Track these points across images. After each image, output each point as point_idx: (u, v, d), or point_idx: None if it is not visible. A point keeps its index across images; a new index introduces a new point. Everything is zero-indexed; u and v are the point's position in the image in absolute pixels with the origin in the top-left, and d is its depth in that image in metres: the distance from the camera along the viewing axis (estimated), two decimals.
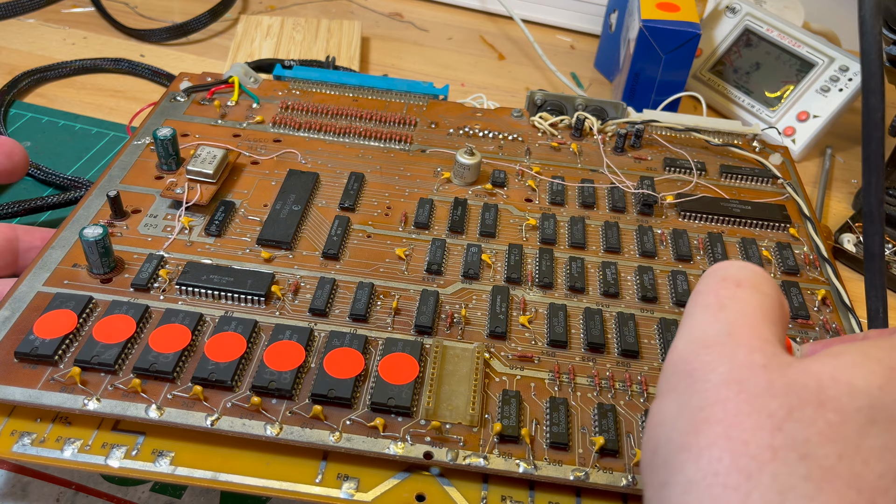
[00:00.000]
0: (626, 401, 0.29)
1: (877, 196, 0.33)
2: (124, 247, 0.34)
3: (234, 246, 0.34)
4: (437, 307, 0.32)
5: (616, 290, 0.34)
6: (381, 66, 0.59)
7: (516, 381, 0.30)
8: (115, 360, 0.28)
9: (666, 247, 0.37)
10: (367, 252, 0.35)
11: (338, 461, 0.27)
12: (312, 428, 0.27)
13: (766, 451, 0.16)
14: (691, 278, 0.35)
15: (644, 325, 0.32)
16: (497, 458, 0.27)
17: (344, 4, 0.66)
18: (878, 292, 0.35)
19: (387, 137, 0.42)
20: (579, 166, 0.42)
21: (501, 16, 0.67)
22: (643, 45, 0.49)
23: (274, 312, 0.31)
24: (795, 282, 0.35)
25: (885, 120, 0.47)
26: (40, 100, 0.49)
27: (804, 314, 0.33)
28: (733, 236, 0.38)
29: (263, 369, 0.28)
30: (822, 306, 0.34)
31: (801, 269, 0.36)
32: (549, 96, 0.46)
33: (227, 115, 0.43)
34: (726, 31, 0.57)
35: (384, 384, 0.28)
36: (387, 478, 0.27)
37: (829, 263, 0.36)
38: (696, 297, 0.21)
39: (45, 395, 0.27)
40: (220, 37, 0.59)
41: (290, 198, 0.37)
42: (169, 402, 0.27)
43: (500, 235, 0.36)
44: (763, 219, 0.38)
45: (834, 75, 0.52)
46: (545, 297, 0.33)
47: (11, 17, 0.58)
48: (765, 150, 0.44)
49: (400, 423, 0.27)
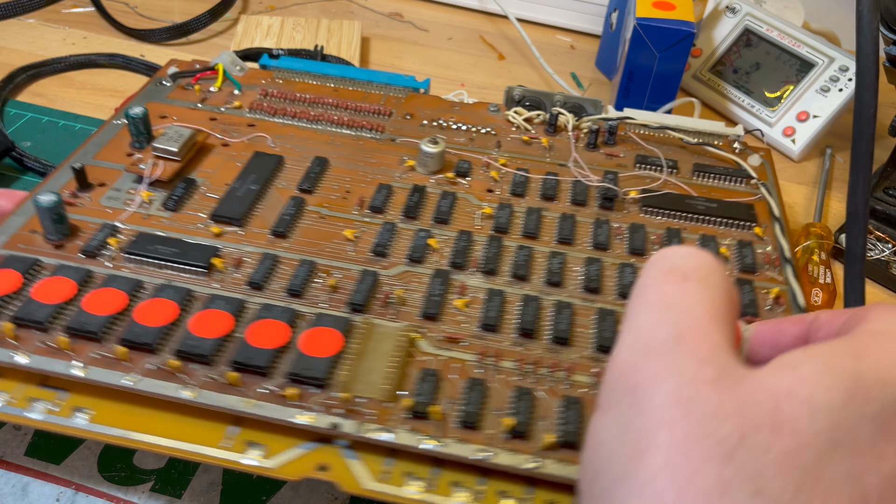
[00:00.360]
0: (548, 387, 0.29)
1: (863, 195, 0.33)
2: (84, 216, 0.35)
3: (188, 221, 0.35)
4: (375, 287, 0.32)
5: (559, 279, 0.33)
6: (381, 66, 0.60)
7: (440, 361, 0.29)
8: (47, 319, 0.29)
9: (622, 240, 0.36)
10: (317, 232, 0.35)
11: (250, 427, 0.27)
12: (227, 394, 0.27)
13: (715, 487, 0.15)
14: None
15: (582, 314, 0.32)
16: (405, 433, 0.27)
17: (344, 4, 0.67)
18: (858, 296, 0.34)
19: (359, 126, 0.43)
20: (548, 160, 0.41)
21: (501, 16, 0.68)
22: (637, 44, 0.48)
23: (212, 283, 0.32)
24: (750, 279, 0.34)
25: (886, 120, 0.47)
26: (40, 100, 0.51)
27: (752, 311, 0.32)
28: (695, 233, 0.37)
29: (188, 335, 0.29)
30: (776, 305, 0.33)
31: (759, 267, 0.35)
32: (527, 92, 0.45)
33: (207, 100, 0.44)
34: (726, 31, 0.57)
35: (304, 356, 0.28)
36: (293, 446, 0.27)
37: (790, 264, 0.35)
38: (640, 294, 0.20)
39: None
40: (220, 37, 0.60)
41: (250, 178, 0.37)
42: (94, 361, 0.28)
43: (454, 222, 0.36)
44: (728, 217, 0.37)
45: (834, 75, 0.51)
46: (486, 283, 0.33)
47: (11, 17, 0.59)
48: (745, 150, 0.43)
49: (314, 395, 0.28)
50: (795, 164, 0.54)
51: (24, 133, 0.47)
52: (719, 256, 0.35)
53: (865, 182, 0.32)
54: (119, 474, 0.31)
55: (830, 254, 0.42)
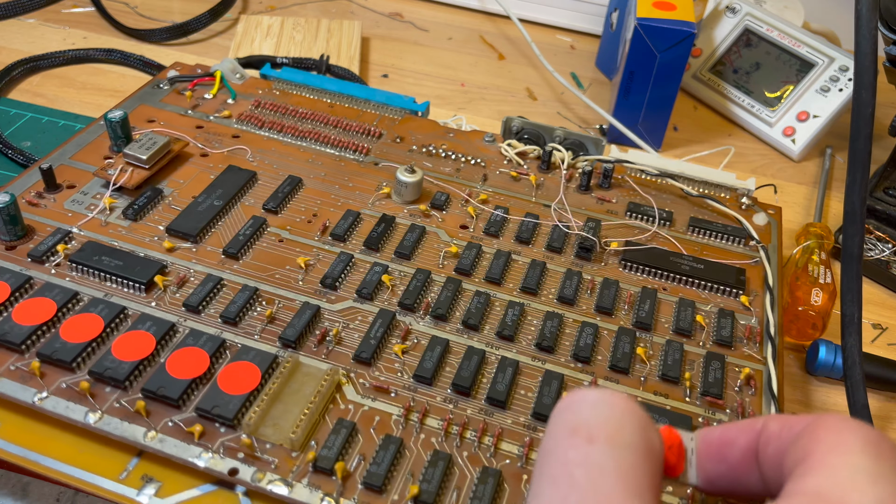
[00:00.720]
0: (470, 453, 0.27)
1: (860, 194, 0.32)
2: (42, 218, 0.34)
3: (145, 232, 0.34)
4: (314, 322, 0.31)
5: (512, 332, 0.31)
6: (381, 66, 0.58)
7: (362, 411, 0.28)
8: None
9: (591, 296, 0.34)
10: (271, 256, 0.34)
11: (150, 461, 0.26)
12: (132, 422, 0.26)
13: None
14: (603, 332, 0.32)
15: (528, 374, 0.30)
16: (303, 488, 0.25)
17: (344, 4, 0.66)
18: (854, 297, 0.33)
19: (344, 146, 0.41)
20: (533, 200, 0.39)
21: (501, 16, 0.66)
22: (638, 44, 0.47)
23: (150, 302, 0.31)
24: (722, 354, 0.31)
25: (885, 120, 0.46)
26: (41, 100, 0.50)
27: (716, 392, 0.29)
28: (673, 295, 0.34)
29: (107, 356, 0.28)
30: (745, 387, 0.30)
31: (736, 342, 0.32)
32: (526, 124, 0.43)
33: (199, 107, 0.43)
34: (726, 31, 0.56)
35: (217, 391, 0.27)
36: (191, 487, 0.26)
37: (772, 343, 0.32)
38: (543, 462, 0.17)
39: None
40: (220, 37, 0.59)
41: (216, 192, 0.37)
42: (9, 374, 0.27)
43: (417, 258, 0.35)
44: (714, 281, 0.35)
45: (834, 75, 0.51)
46: (433, 329, 0.31)
47: (12, 16, 0.58)
48: (752, 207, 0.40)
49: (221, 434, 0.26)
50: (795, 163, 0.53)
51: (24, 133, 0.47)
52: (695, 325, 0.32)
53: (863, 181, 0.31)
54: None
55: (830, 254, 0.41)
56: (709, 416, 0.29)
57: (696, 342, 0.32)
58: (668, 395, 0.30)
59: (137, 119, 0.42)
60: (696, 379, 0.30)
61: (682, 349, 0.31)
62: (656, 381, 0.30)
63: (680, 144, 0.53)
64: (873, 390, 0.36)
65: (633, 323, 0.32)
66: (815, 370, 0.36)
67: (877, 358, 0.36)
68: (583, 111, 0.56)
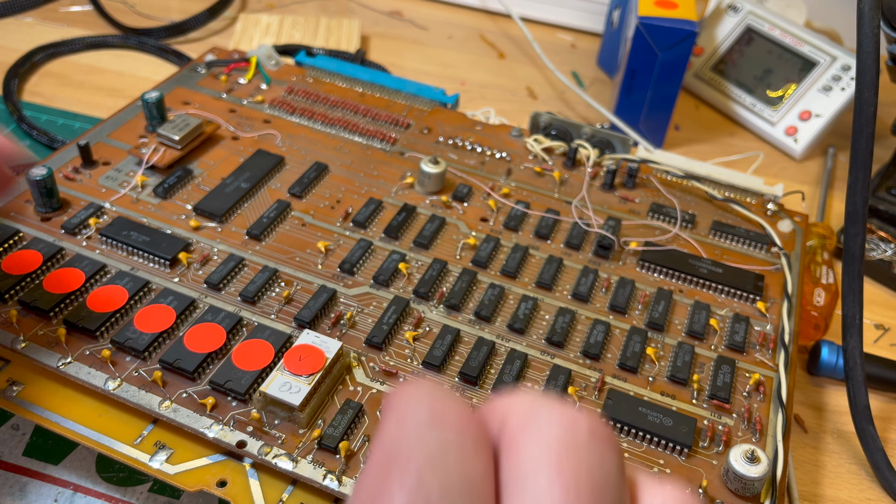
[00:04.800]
0: None
1: (862, 194, 0.32)
2: (78, 193, 0.36)
3: (173, 210, 0.36)
4: (329, 305, 0.31)
5: (522, 326, 0.31)
6: (381, 64, 0.58)
7: (370, 394, 0.28)
8: (7, 291, 0.30)
9: (605, 294, 0.34)
10: (292, 239, 0.35)
11: (164, 429, 0.27)
12: (149, 391, 0.27)
13: None
14: (615, 331, 0.32)
15: (535, 367, 0.30)
16: (307, 464, 0.26)
17: (343, 2, 0.66)
18: (856, 297, 0.33)
19: (371, 134, 0.42)
20: (556, 196, 0.39)
21: (501, 14, 0.66)
22: (640, 43, 0.47)
23: (173, 278, 0.32)
24: (733, 359, 0.31)
25: (888, 119, 0.47)
26: (39, 98, 0.50)
27: (723, 396, 0.29)
28: (689, 297, 0.34)
29: (129, 327, 0.29)
30: (755, 392, 0.30)
31: (749, 347, 0.32)
32: (554, 120, 0.43)
33: (233, 91, 0.44)
34: (728, 30, 0.56)
35: (231, 366, 0.28)
36: (201, 456, 0.27)
37: (785, 351, 0.32)
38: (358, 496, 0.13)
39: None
40: (219, 35, 0.59)
41: (244, 175, 0.38)
42: (36, 338, 0.29)
43: (434, 249, 0.35)
44: (731, 285, 0.34)
45: (836, 74, 0.51)
46: (445, 318, 0.32)
47: (9, 15, 0.58)
48: (778, 213, 0.40)
49: (232, 408, 0.27)
50: (798, 163, 0.52)
51: (23, 132, 0.48)
52: (708, 329, 0.32)
53: (865, 181, 0.31)
54: (117, 475, 0.30)
55: (833, 254, 0.40)
56: (714, 419, 0.29)
57: (708, 345, 0.32)
58: (676, 395, 0.30)
59: (174, 101, 0.43)
60: (704, 382, 0.30)
61: (692, 351, 0.31)
62: (664, 382, 0.30)
63: (681, 143, 0.53)
64: (875, 391, 0.36)
65: (646, 323, 0.32)
66: (817, 371, 0.36)
67: (879, 359, 0.36)
68: (584, 110, 0.55)
